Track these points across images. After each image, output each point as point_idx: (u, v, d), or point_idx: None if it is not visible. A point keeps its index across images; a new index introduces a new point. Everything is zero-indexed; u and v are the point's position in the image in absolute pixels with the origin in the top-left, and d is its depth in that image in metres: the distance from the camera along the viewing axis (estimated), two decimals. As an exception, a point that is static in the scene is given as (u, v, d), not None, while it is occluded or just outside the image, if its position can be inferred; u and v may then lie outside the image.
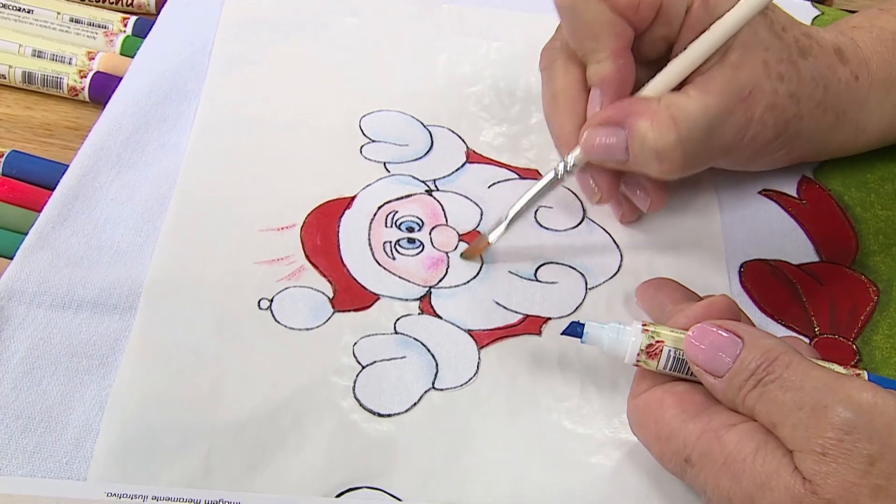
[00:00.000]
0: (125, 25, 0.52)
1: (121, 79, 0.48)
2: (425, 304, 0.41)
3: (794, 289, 0.43)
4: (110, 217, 0.42)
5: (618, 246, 0.44)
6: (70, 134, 0.47)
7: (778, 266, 0.43)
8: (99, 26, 0.52)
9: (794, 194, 0.46)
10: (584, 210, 0.45)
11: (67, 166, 0.44)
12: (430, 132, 0.47)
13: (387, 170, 0.45)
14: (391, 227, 0.43)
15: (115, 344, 0.38)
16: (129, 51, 0.50)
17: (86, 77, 0.48)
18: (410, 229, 0.43)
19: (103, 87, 0.48)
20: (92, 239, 0.41)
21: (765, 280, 0.43)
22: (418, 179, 0.45)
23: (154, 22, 0.51)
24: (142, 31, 0.51)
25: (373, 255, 0.42)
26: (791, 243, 0.44)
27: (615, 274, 0.43)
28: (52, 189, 0.43)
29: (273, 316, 0.39)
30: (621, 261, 0.43)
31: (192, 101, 0.47)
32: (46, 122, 0.48)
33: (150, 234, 0.42)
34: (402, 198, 0.44)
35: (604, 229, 0.44)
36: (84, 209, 0.42)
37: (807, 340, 0.41)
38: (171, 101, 0.47)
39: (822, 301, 0.42)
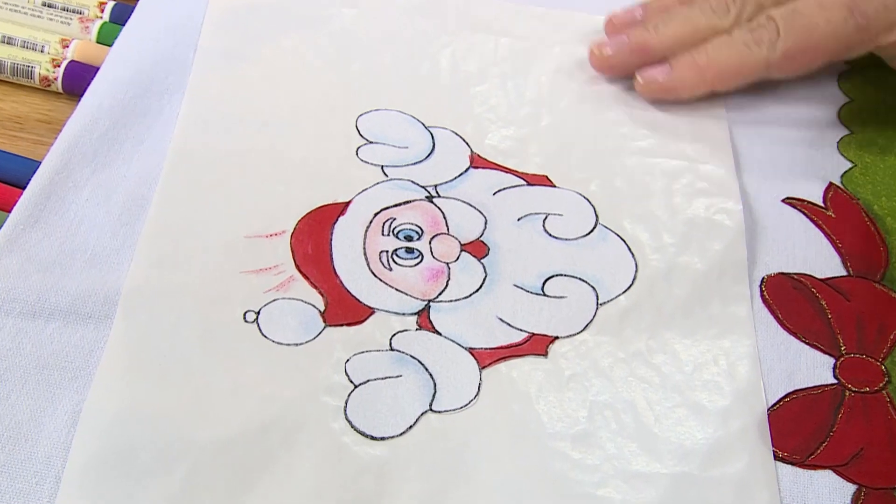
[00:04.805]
0: (102, 11, 0.52)
1: (97, 69, 0.48)
2: (423, 318, 0.41)
3: (819, 305, 0.43)
4: (85, 219, 0.42)
5: (633, 255, 0.44)
6: (42, 128, 0.48)
7: (801, 280, 0.44)
8: (74, 11, 0.52)
9: (821, 203, 0.47)
10: (596, 216, 0.45)
11: (39, 163, 0.44)
12: (431, 134, 0.48)
13: (385, 174, 0.46)
14: (388, 235, 0.43)
15: (89, 355, 0.38)
16: (106, 39, 0.51)
17: (59, 66, 0.49)
18: (409, 238, 0.43)
19: (78, 78, 0.48)
20: (65, 242, 0.41)
21: (787, 295, 0.43)
22: (418, 185, 0.45)
23: (133, 8, 0.51)
24: (120, 18, 0.51)
25: (368, 265, 0.42)
26: (816, 256, 0.45)
27: (629, 287, 0.43)
28: (23, 187, 0.43)
29: (259, 329, 0.40)
30: (636, 272, 0.43)
31: (173, 94, 0.47)
32: (16, 114, 0.48)
33: (127, 238, 0.42)
34: (400, 204, 0.45)
35: (618, 236, 0.45)
36: (57, 210, 0.42)
37: (832, 361, 0.41)
38: (151, 95, 0.47)
39: (849, 318, 0.43)
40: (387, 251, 0.43)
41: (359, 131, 0.47)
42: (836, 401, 0.40)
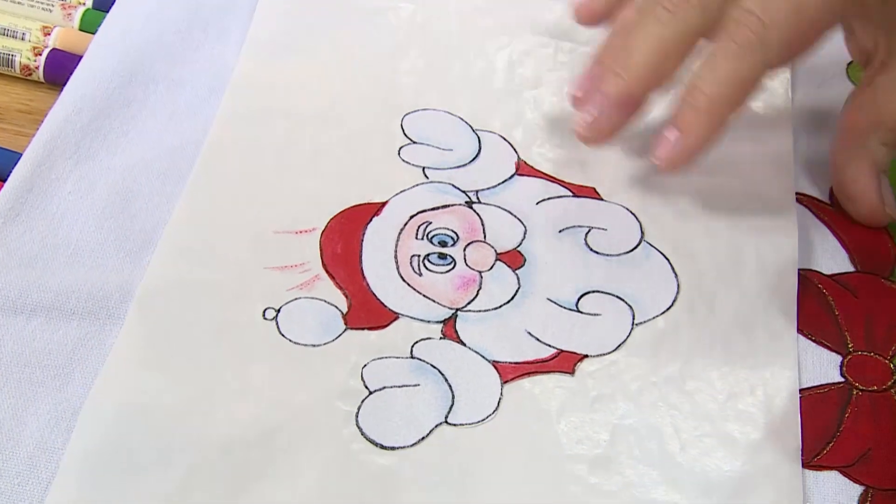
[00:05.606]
0: (85, -2, 0.52)
1: (80, 57, 0.47)
2: (449, 327, 0.40)
3: (826, 301, 0.43)
4: (68, 212, 0.42)
5: (676, 275, 0.43)
6: (23, 118, 0.47)
7: (808, 276, 0.44)
8: (55, -2, 0.52)
9: (827, 199, 0.47)
10: (641, 232, 0.44)
11: (20, 155, 0.43)
12: (478, 137, 0.47)
13: (425, 175, 0.45)
14: (422, 239, 0.43)
15: (72, 353, 0.38)
16: (89, 26, 0.50)
17: (41, 55, 0.48)
18: (443, 243, 0.43)
19: (60, 67, 0.48)
20: (47, 237, 0.41)
21: (793, 291, 0.43)
22: (459, 189, 0.45)
23: (118, -6, 0.51)
24: (104, 5, 0.51)
25: (397, 268, 0.42)
26: (823, 252, 0.44)
27: (668, 308, 0.42)
28: (3, 180, 0.43)
29: (278, 328, 0.39)
30: (678, 293, 0.42)
31: (159, 83, 0.47)
32: (-4, 104, 0.48)
33: (112, 232, 0.41)
34: (438, 208, 0.44)
35: (663, 255, 0.43)
36: (39, 203, 0.42)
37: (839, 359, 0.41)
38: (136, 84, 0.46)
39: (857, 315, 0.42)
40: (418, 256, 0.42)
41: (403, 130, 0.46)
42: (844, 400, 0.40)
